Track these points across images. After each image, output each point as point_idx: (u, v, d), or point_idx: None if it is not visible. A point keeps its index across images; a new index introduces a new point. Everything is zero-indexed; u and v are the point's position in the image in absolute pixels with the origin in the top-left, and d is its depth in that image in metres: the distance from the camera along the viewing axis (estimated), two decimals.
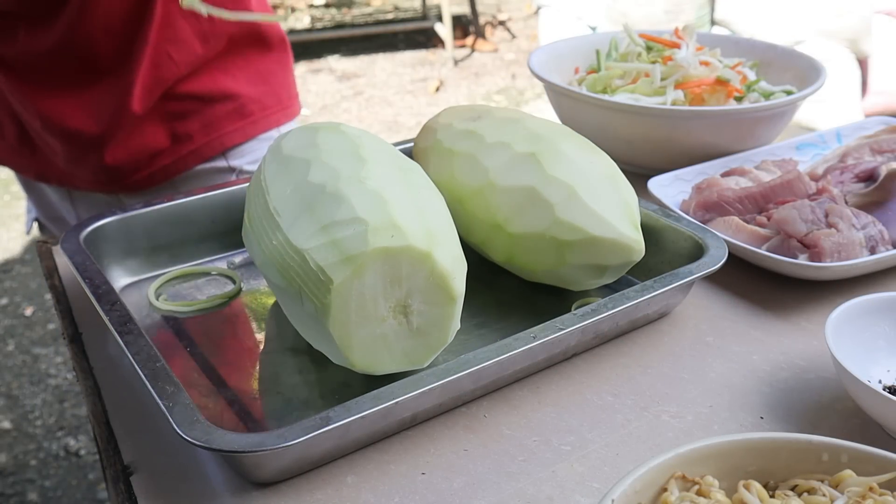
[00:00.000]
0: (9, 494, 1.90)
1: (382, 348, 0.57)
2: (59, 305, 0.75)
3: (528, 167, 0.67)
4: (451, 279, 0.57)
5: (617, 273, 0.69)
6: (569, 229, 0.65)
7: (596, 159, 0.69)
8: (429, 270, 0.56)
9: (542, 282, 0.71)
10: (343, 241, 0.55)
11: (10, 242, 3.04)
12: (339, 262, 0.54)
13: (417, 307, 0.57)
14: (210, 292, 0.74)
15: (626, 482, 0.42)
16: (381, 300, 0.56)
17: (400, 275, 0.55)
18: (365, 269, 0.54)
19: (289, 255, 0.57)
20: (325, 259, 0.55)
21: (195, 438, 0.49)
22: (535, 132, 0.70)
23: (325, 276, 0.54)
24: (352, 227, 0.55)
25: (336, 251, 0.55)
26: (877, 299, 0.63)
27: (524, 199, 0.66)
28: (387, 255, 0.55)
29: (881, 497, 0.41)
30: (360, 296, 0.55)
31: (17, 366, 2.36)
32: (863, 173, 0.85)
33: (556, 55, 1.10)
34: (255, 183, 0.67)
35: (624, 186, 0.68)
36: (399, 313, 0.56)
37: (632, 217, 0.67)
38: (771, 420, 0.59)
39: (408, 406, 0.55)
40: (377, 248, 0.54)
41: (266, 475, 0.53)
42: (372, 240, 0.55)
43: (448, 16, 4.60)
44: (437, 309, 0.57)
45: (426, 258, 0.56)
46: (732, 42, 1.14)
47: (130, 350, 0.56)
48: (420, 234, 0.56)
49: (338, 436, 0.53)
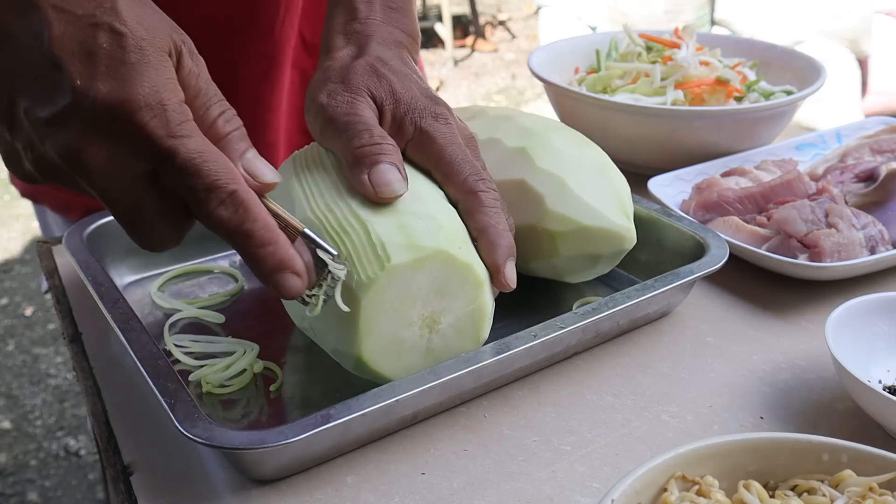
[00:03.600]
0: (9, 494, 1.90)
1: (393, 351, 0.55)
2: (59, 305, 0.75)
3: (518, 161, 0.68)
4: (485, 321, 0.57)
5: (611, 262, 0.69)
6: (560, 220, 0.65)
7: (586, 150, 0.69)
8: (473, 299, 0.56)
9: (537, 275, 0.71)
10: (413, 230, 0.54)
11: (10, 242, 3.04)
12: (402, 245, 0.53)
13: (444, 329, 0.56)
14: (212, 290, 0.74)
15: (626, 482, 0.42)
16: (419, 304, 0.55)
17: (447, 289, 0.55)
18: (423, 265, 0.53)
19: (347, 220, 0.55)
20: (388, 237, 0.53)
21: (197, 435, 0.49)
22: (526, 127, 0.70)
23: (383, 252, 0.53)
24: (425, 222, 0.55)
25: (402, 235, 0.53)
26: (877, 299, 0.63)
27: (515, 193, 0.67)
28: (447, 263, 0.54)
29: (881, 497, 0.41)
30: (405, 288, 0.53)
31: (17, 366, 2.36)
32: (863, 173, 0.85)
33: (556, 55, 1.10)
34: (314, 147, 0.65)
35: (615, 176, 0.69)
36: (426, 326, 0.56)
37: (623, 206, 0.67)
38: (771, 420, 0.59)
39: (408, 404, 0.55)
40: (443, 251, 0.54)
41: (267, 472, 0.53)
42: (442, 241, 0.54)
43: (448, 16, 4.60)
44: (460, 342, 0.57)
45: (478, 286, 0.56)
46: (732, 42, 1.14)
47: (133, 347, 0.56)
48: (481, 264, 0.56)
49: (338, 433, 0.53)
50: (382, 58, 0.63)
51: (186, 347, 0.65)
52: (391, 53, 0.64)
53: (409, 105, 0.60)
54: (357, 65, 0.61)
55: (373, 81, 0.60)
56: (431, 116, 0.60)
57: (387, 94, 0.60)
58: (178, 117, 0.45)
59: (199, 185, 0.45)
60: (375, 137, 0.57)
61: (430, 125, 0.60)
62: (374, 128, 0.58)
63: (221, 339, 0.66)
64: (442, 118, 0.60)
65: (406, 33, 0.66)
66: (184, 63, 0.48)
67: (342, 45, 0.64)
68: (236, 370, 0.62)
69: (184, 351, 0.64)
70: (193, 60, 0.49)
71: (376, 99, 0.60)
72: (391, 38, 0.65)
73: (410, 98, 0.60)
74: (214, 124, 0.50)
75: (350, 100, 0.59)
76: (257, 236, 0.47)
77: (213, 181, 0.46)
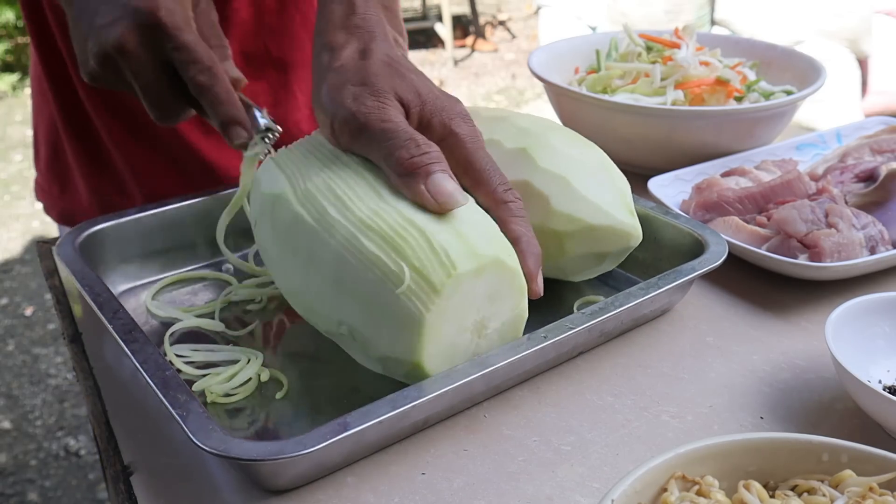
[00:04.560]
0: (9, 494, 1.90)
1: (448, 356, 0.56)
2: (59, 305, 0.75)
3: (519, 162, 0.68)
4: (523, 324, 0.59)
5: (616, 260, 0.70)
6: (566, 220, 0.66)
7: (586, 149, 0.70)
8: (517, 304, 0.58)
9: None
10: (469, 237, 0.55)
11: (10, 242, 3.04)
12: (465, 253, 0.53)
13: (490, 334, 0.57)
14: (207, 297, 0.74)
15: (626, 482, 0.42)
16: (474, 310, 0.56)
17: (497, 295, 0.56)
18: (484, 272, 0.54)
19: (403, 227, 0.54)
20: (451, 245, 0.54)
21: (212, 447, 0.48)
22: (523, 128, 0.70)
23: (447, 259, 0.53)
24: (478, 229, 0.56)
25: (462, 243, 0.54)
26: (877, 299, 0.63)
27: (519, 194, 0.66)
28: (501, 269, 0.55)
29: (881, 497, 0.41)
30: (467, 295, 0.54)
31: (17, 366, 2.36)
32: (863, 173, 0.85)
33: (556, 55, 1.10)
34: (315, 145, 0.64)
35: (616, 175, 0.69)
36: (476, 331, 0.56)
37: (627, 204, 0.68)
38: (771, 420, 0.59)
39: (422, 409, 0.55)
40: (499, 258, 0.55)
41: (282, 483, 0.52)
42: (497, 248, 0.55)
43: (448, 16, 4.60)
44: (500, 346, 0.58)
45: (522, 291, 0.58)
46: (732, 42, 1.14)
47: (138, 359, 0.55)
48: (521, 270, 0.58)
49: (354, 441, 0.52)
50: (392, 56, 0.63)
51: (187, 357, 0.64)
52: (396, 51, 0.64)
53: (436, 105, 0.61)
54: (373, 65, 0.62)
55: (397, 82, 0.61)
56: (459, 117, 0.61)
57: (413, 94, 0.61)
58: (183, 19, 0.64)
59: (189, 58, 0.63)
60: (422, 146, 0.57)
61: (459, 127, 0.61)
62: (416, 135, 0.58)
63: (223, 348, 0.65)
64: (468, 119, 0.62)
65: (399, 33, 0.68)
66: (200, 3, 0.70)
67: (344, 41, 0.64)
68: (242, 379, 0.61)
69: (185, 361, 0.64)
70: (208, 5, 0.71)
71: (403, 101, 0.60)
72: (390, 34, 0.66)
73: (435, 98, 0.61)
74: (208, 40, 0.69)
75: (380, 105, 0.59)
76: (221, 97, 0.64)
77: (198, 57, 0.63)
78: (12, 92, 4.41)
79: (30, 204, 3.28)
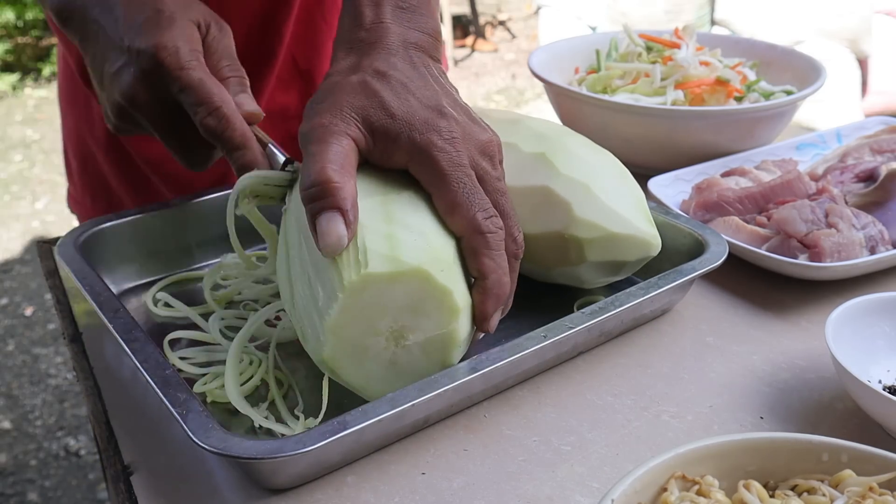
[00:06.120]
0: (9, 494, 1.90)
1: (356, 356, 0.54)
2: (59, 305, 0.75)
3: (539, 167, 0.67)
4: (455, 348, 0.55)
5: (633, 268, 0.69)
6: (587, 227, 0.65)
7: (603, 157, 0.70)
8: (446, 324, 0.54)
9: (555, 281, 0.71)
10: (399, 242, 0.52)
11: (10, 242, 3.04)
12: (384, 255, 0.52)
13: (410, 346, 0.54)
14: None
15: (626, 482, 0.42)
16: (389, 316, 0.53)
17: (421, 308, 0.53)
18: (400, 279, 0.52)
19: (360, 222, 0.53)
20: (373, 244, 0.52)
21: (212, 446, 0.48)
22: (539, 132, 0.70)
23: (364, 258, 0.52)
24: (415, 237, 0.53)
25: (387, 245, 0.52)
26: (877, 299, 0.63)
27: (539, 199, 0.66)
28: (425, 283, 0.52)
29: (881, 497, 0.41)
30: (377, 298, 0.52)
31: (17, 366, 2.36)
32: (863, 173, 0.85)
33: (556, 55, 1.10)
34: None
35: (632, 183, 0.69)
36: (392, 339, 0.54)
37: (645, 213, 0.68)
38: (771, 420, 0.59)
39: (422, 408, 0.55)
40: (424, 270, 0.52)
41: (282, 482, 0.52)
42: (425, 259, 0.52)
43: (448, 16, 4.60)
44: (425, 362, 0.55)
45: (453, 313, 0.54)
46: (732, 42, 1.14)
47: (138, 358, 0.55)
48: (462, 291, 0.54)
49: (353, 440, 0.52)
50: (381, 69, 0.58)
51: (188, 357, 0.64)
52: (397, 59, 0.59)
53: (405, 120, 0.56)
54: (347, 82, 0.57)
55: (359, 100, 0.56)
56: (433, 132, 0.56)
57: (377, 110, 0.56)
58: (187, 56, 0.62)
59: (195, 100, 0.61)
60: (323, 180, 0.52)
61: (427, 142, 0.55)
62: (328, 165, 0.53)
63: (224, 348, 0.65)
64: (445, 133, 0.56)
65: (423, 32, 0.62)
66: (210, 31, 0.67)
67: (342, 57, 0.61)
68: (243, 379, 0.61)
69: (187, 361, 0.64)
70: (221, 31, 0.68)
71: (364, 118, 0.56)
72: (400, 40, 0.60)
73: (406, 112, 0.56)
74: (221, 71, 0.66)
75: (325, 124, 0.55)
76: (235, 142, 0.62)
77: (204, 98, 0.61)
78: (12, 92, 4.41)
79: (30, 204, 3.28)
